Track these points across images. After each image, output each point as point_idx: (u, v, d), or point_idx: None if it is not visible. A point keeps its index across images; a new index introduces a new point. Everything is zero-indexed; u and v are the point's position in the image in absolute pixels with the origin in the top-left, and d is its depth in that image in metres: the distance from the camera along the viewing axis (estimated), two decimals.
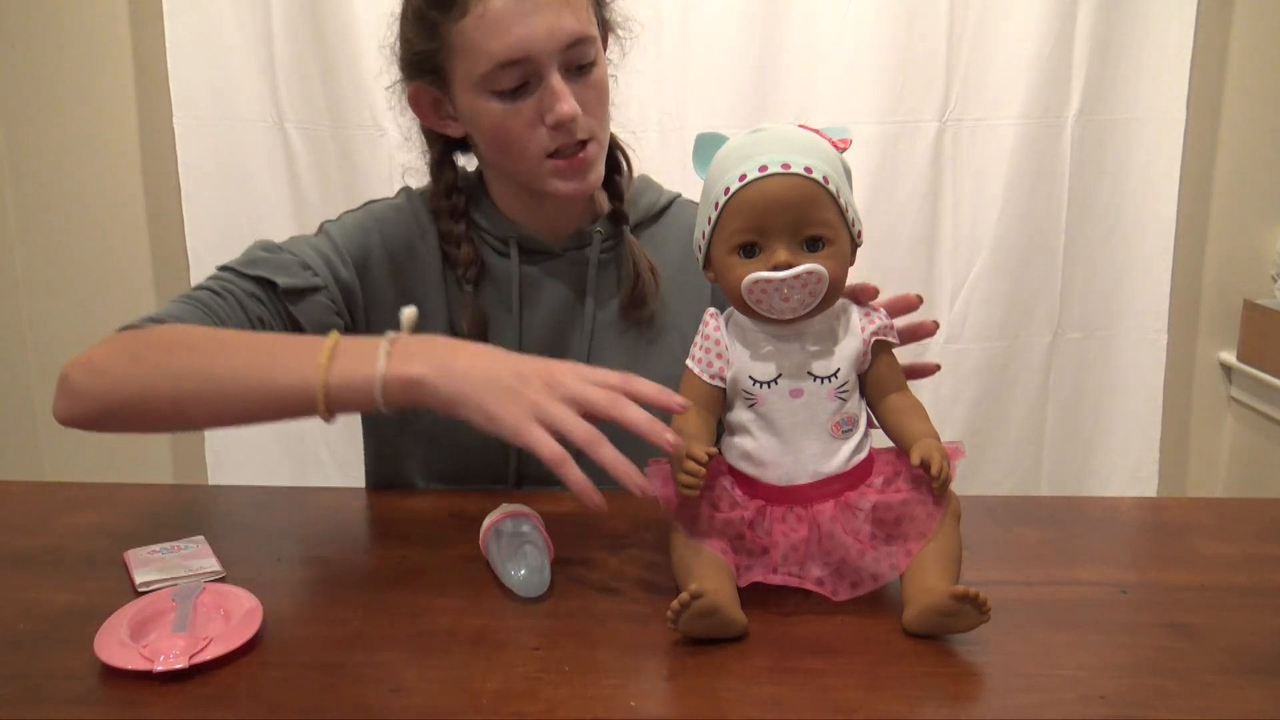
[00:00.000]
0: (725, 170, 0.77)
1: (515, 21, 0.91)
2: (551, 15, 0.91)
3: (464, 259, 1.03)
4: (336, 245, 1.02)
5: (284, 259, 0.98)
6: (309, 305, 0.97)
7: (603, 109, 0.99)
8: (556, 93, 0.93)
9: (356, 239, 1.03)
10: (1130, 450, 2.11)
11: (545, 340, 1.05)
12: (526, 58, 0.92)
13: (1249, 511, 1.01)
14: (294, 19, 1.92)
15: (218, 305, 0.92)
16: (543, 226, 1.06)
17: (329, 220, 1.06)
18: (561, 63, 0.93)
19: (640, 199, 1.11)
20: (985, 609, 0.69)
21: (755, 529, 0.77)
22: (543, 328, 1.05)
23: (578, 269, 1.06)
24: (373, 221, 1.05)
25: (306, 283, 0.97)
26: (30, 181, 2.09)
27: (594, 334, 1.06)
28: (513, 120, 0.95)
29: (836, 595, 0.76)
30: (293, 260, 0.98)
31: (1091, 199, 2.01)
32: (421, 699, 0.66)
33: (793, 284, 0.74)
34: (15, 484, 1.07)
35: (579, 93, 0.95)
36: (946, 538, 0.76)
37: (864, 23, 1.90)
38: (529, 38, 0.91)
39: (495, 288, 1.05)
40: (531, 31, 0.91)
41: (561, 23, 0.92)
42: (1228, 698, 0.66)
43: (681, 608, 0.69)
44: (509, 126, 0.96)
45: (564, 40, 0.92)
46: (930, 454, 0.75)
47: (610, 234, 1.07)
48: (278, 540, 0.92)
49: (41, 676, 0.68)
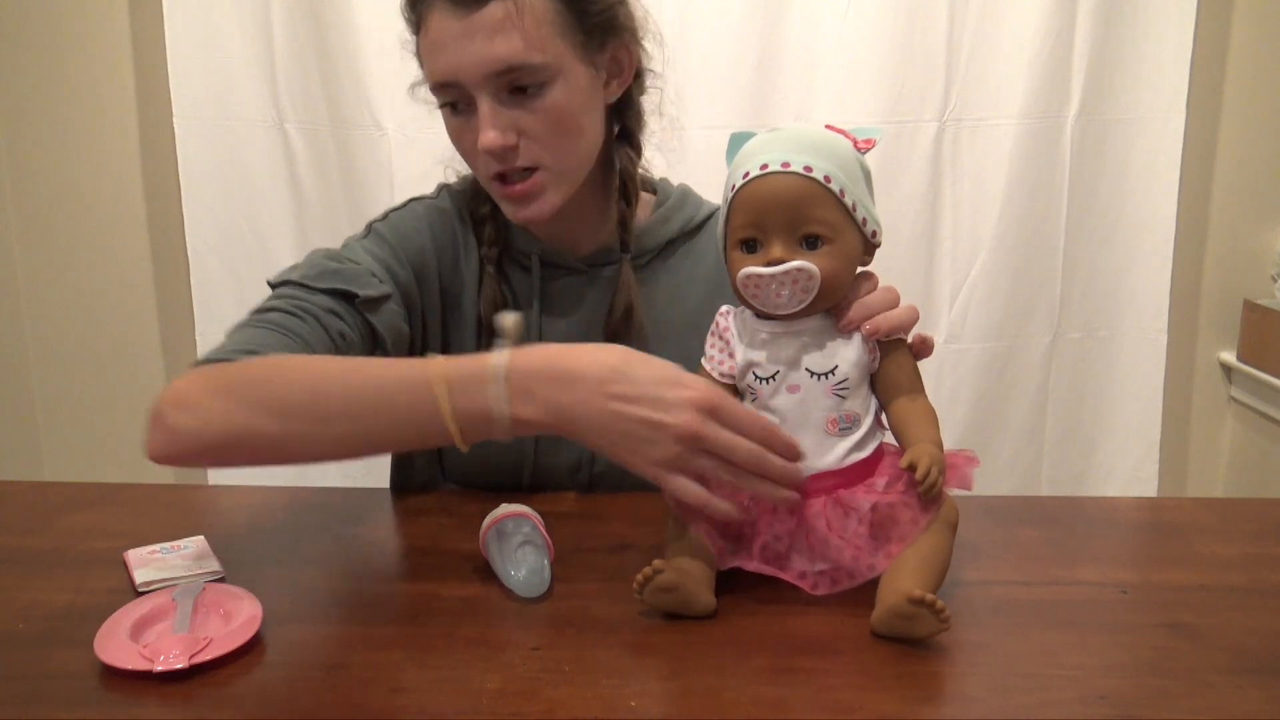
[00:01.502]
0: (736, 168, 0.80)
1: (447, 45, 0.89)
2: (482, 42, 0.87)
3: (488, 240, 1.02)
4: (393, 248, 1.01)
5: (353, 269, 0.96)
6: (385, 314, 0.96)
7: (557, 136, 0.93)
8: (481, 121, 0.90)
9: (413, 241, 1.02)
10: (1130, 450, 2.11)
11: None
12: (455, 82, 0.90)
13: (1249, 511, 1.01)
14: (294, 19, 1.92)
15: (299, 327, 0.88)
16: (563, 241, 1.04)
17: (376, 220, 1.04)
18: (496, 88, 0.90)
19: (675, 215, 1.08)
20: (944, 616, 0.69)
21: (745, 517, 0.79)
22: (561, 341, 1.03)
23: (600, 286, 1.04)
24: (423, 223, 1.04)
25: (380, 291, 0.96)
26: (30, 181, 2.09)
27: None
28: (462, 135, 0.94)
29: (815, 590, 0.77)
30: (361, 270, 0.96)
31: (1091, 199, 2.01)
32: (421, 699, 0.66)
33: (782, 279, 0.76)
34: (15, 484, 1.07)
35: (521, 118, 0.91)
36: (930, 543, 0.75)
37: (864, 23, 1.90)
38: (456, 64, 0.89)
39: (518, 302, 1.04)
40: (459, 58, 0.89)
41: (493, 50, 0.88)
42: (1228, 698, 0.66)
43: (645, 580, 0.73)
44: (460, 140, 0.95)
45: (492, 68, 0.88)
46: (919, 458, 0.75)
47: (648, 256, 1.05)
48: (278, 540, 0.92)
49: (41, 676, 0.68)
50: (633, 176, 1.03)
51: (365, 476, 1.15)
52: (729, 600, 0.77)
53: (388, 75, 1.91)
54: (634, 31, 0.99)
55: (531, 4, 0.89)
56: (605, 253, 1.04)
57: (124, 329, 2.14)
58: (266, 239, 2.02)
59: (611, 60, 0.97)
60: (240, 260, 2.03)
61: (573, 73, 0.92)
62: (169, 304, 2.11)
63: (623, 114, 1.04)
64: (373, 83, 1.92)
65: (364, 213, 1.96)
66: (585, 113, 0.95)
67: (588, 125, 0.96)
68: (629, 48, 0.98)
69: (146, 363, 2.15)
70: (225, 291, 2.03)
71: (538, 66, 0.89)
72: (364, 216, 1.24)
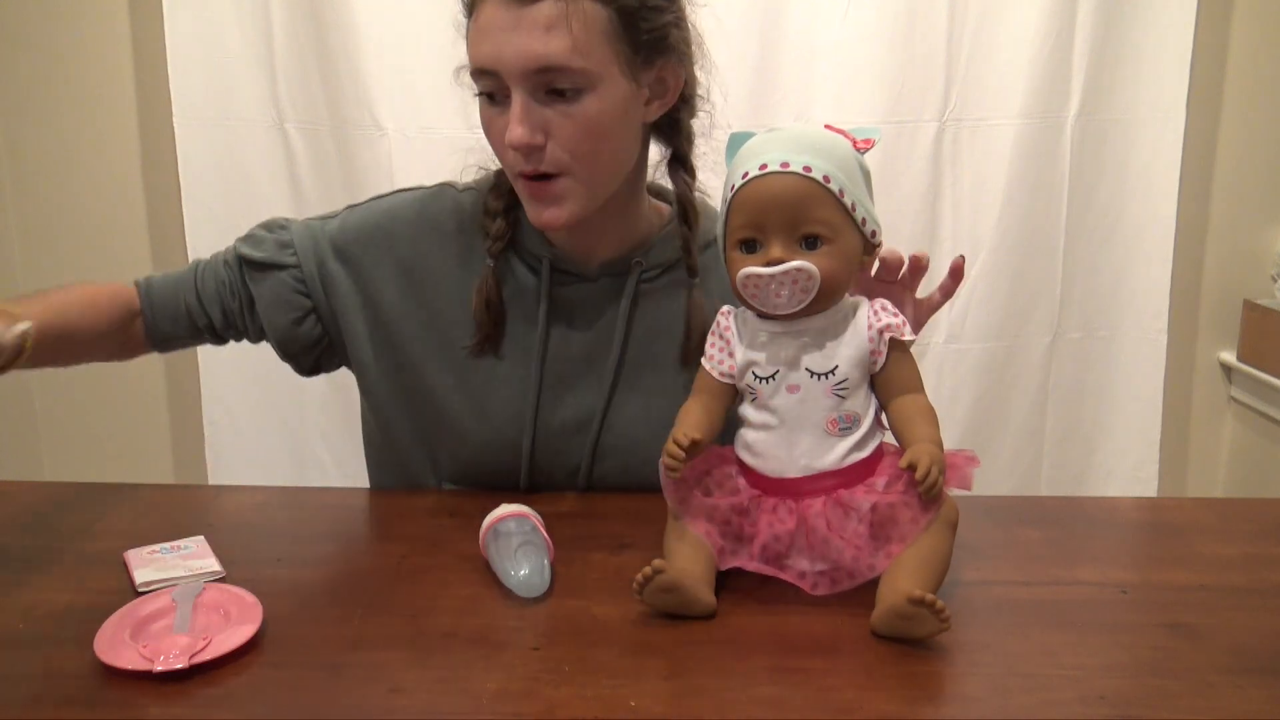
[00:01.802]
0: (735, 168, 0.80)
1: (494, 33, 0.88)
2: (528, 36, 0.87)
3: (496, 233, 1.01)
4: (334, 233, 1.04)
5: (268, 237, 1.06)
6: (271, 280, 1.04)
7: (585, 144, 0.91)
8: (512, 115, 0.89)
9: (365, 231, 1.04)
10: (1130, 450, 2.11)
11: (568, 364, 1.02)
12: (494, 71, 0.90)
13: (1249, 511, 1.01)
14: (294, 19, 1.92)
15: (205, 270, 1.08)
16: (578, 250, 1.02)
17: (354, 205, 1.08)
18: (534, 85, 0.89)
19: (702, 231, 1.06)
20: (943, 616, 0.69)
21: (746, 517, 0.79)
22: (566, 350, 1.02)
23: (611, 297, 1.03)
24: (386, 219, 1.05)
25: (275, 260, 1.04)
26: (30, 181, 2.09)
27: (623, 363, 1.02)
28: (492, 126, 0.94)
29: (815, 590, 0.77)
30: (275, 239, 1.05)
31: (1091, 199, 2.01)
32: (421, 699, 0.66)
33: (781, 279, 0.76)
34: (15, 484, 1.07)
35: (553, 120, 0.90)
36: (929, 543, 0.75)
37: (864, 23, 1.90)
38: (498, 54, 0.88)
39: (524, 305, 1.02)
40: (502, 48, 0.88)
41: (537, 47, 0.87)
42: (1228, 698, 0.66)
43: (645, 580, 0.73)
44: (490, 131, 0.95)
45: (533, 64, 0.87)
46: (919, 458, 0.75)
47: (658, 269, 1.04)
48: (278, 540, 0.93)
49: (41, 676, 0.68)
50: (690, 201, 1.02)
51: (366, 476, 1.15)
52: (729, 600, 0.77)
53: (388, 75, 1.91)
54: (685, 55, 0.97)
55: (586, 9, 0.88)
56: (617, 263, 1.03)
57: None
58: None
59: (657, 79, 0.95)
60: None
61: (613, 85, 0.91)
62: None
63: (673, 137, 1.02)
64: (373, 83, 1.92)
65: None
66: (619, 126, 0.93)
67: (619, 139, 0.94)
68: (677, 70, 0.97)
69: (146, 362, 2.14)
70: None
71: (577, 71, 0.88)
72: None
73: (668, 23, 0.94)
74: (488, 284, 1.00)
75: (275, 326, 1.05)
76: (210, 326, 1.07)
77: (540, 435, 1.01)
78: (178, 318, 1.06)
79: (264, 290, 1.04)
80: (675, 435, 0.78)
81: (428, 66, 1.90)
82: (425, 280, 1.03)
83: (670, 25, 0.94)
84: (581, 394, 1.02)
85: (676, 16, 0.95)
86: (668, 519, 0.82)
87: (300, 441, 2.08)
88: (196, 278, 1.07)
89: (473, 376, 1.02)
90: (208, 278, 1.06)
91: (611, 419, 1.02)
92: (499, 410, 1.01)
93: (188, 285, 1.07)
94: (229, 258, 1.07)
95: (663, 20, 0.93)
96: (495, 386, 1.02)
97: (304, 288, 1.04)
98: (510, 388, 1.01)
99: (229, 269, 1.06)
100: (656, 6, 0.92)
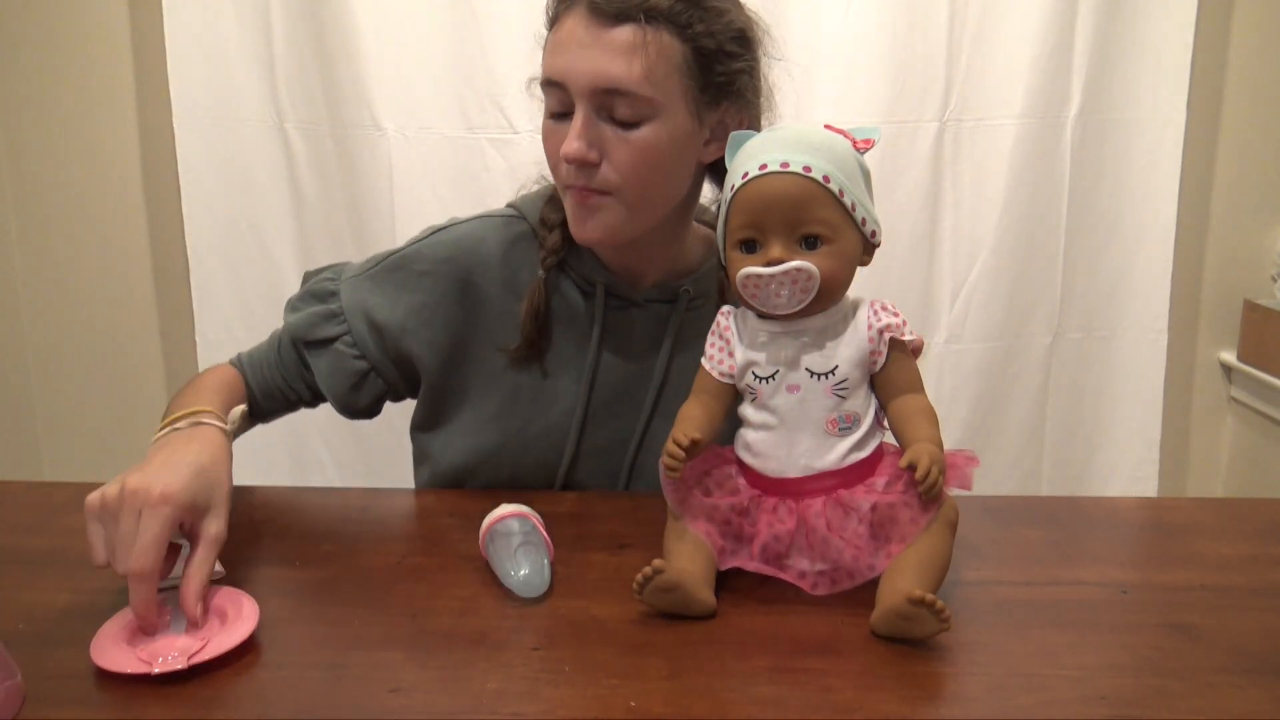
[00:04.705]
0: (736, 168, 0.80)
1: (571, 48, 0.89)
2: (597, 56, 0.88)
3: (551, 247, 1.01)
4: (388, 291, 1.03)
5: (315, 312, 1.05)
6: (328, 354, 1.04)
7: (637, 171, 0.91)
8: (572, 128, 0.90)
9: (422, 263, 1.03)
10: (1130, 450, 2.11)
11: (613, 387, 1.03)
12: (563, 84, 0.90)
13: (1249, 511, 1.01)
14: (294, 19, 1.92)
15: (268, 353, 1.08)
16: (628, 275, 1.03)
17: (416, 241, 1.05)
18: (598, 105, 0.90)
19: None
20: (944, 616, 0.69)
21: (746, 517, 0.79)
22: (612, 374, 1.03)
23: (656, 321, 1.04)
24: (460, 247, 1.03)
25: (328, 335, 1.04)
26: (30, 181, 2.09)
27: (664, 388, 1.03)
28: (551, 138, 0.94)
29: (815, 590, 0.77)
30: (323, 313, 1.04)
31: (1091, 199, 2.01)
32: (421, 699, 0.66)
33: (781, 279, 0.76)
34: (15, 484, 1.07)
35: (610, 141, 0.91)
36: (930, 543, 0.76)
37: (864, 23, 1.90)
38: (569, 67, 0.89)
39: (574, 326, 1.03)
40: (575, 63, 0.89)
41: (606, 67, 0.88)
42: (1228, 698, 0.66)
43: (645, 580, 0.73)
44: (549, 140, 0.95)
45: (601, 84, 0.88)
46: (919, 457, 0.75)
47: (703, 298, 1.04)
48: (278, 540, 0.92)
49: (40, 677, 0.68)
50: None
51: (366, 476, 1.15)
52: (729, 600, 0.77)
53: (388, 75, 1.91)
54: (752, 104, 0.98)
55: (665, 40, 0.89)
56: (662, 288, 1.04)
57: (124, 329, 2.14)
58: (266, 239, 2.02)
59: (719, 122, 0.95)
60: (240, 260, 2.03)
61: (675, 119, 0.91)
62: (169, 304, 2.11)
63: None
64: (373, 83, 1.92)
65: (363, 213, 1.97)
66: (673, 160, 0.94)
67: (671, 172, 0.95)
68: (741, 116, 0.97)
69: (146, 362, 2.15)
70: (225, 291, 2.03)
71: (642, 99, 0.89)
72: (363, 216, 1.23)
73: (740, 69, 0.94)
74: (538, 295, 1.00)
75: (336, 394, 1.06)
76: (300, 400, 1.09)
77: (579, 456, 1.03)
78: (273, 394, 1.08)
79: (321, 365, 1.05)
80: (675, 435, 0.78)
81: (428, 66, 1.91)
82: (476, 307, 1.03)
83: (742, 72, 0.95)
84: (622, 418, 1.03)
85: (750, 65, 0.96)
86: (668, 519, 0.82)
87: (300, 441, 2.08)
88: (279, 353, 1.07)
89: (521, 394, 1.03)
90: (286, 356, 1.07)
91: (648, 443, 1.03)
92: (541, 432, 1.03)
93: (272, 362, 1.08)
94: (278, 341, 1.08)
95: (736, 66, 0.94)
96: (541, 407, 1.02)
97: (356, 350, 1.04)
98: (559, 406, 1.02)
99: (291, 349, 1.07)
100: (733, 52, 0.93)
